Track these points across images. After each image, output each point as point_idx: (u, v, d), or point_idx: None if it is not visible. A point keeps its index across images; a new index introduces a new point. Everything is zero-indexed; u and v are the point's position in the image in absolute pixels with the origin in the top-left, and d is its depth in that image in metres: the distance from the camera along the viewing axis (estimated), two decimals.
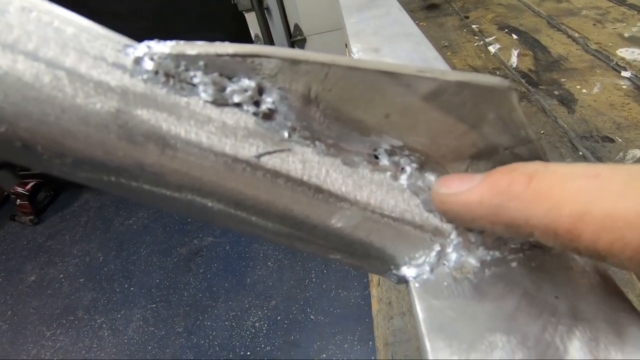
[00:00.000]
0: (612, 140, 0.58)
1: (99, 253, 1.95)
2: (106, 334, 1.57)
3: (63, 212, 2.26)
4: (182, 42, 0.12)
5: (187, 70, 0.13)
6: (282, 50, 0.13)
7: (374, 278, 0.49)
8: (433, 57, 0.31)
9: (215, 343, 1.45)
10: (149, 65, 0.12)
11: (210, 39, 0.13)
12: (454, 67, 0.80)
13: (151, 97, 0.12)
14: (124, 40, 0.12)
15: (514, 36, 0.88)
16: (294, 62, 0.13)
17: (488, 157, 0.15)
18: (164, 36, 0.14)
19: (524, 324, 0.13)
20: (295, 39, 1.93)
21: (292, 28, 1.93)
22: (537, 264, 0.15)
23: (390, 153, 0.15)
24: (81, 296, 1.75)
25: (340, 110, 0.14)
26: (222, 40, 0.13)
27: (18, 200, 2.16)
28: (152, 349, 1.48)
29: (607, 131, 0.60)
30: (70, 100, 0.11)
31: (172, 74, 0.12)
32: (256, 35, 1.90)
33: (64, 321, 1.65)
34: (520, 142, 0.15)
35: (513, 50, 0.83)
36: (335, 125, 0.14)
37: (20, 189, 2.14)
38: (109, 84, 0.11)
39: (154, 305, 1.64)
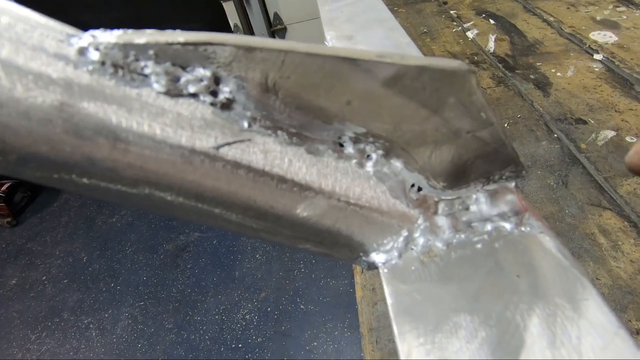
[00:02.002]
0: (585, 122, 0.60)
1: (82, 253, 1.90)
2: (94, 334, 1.55)
3: (42, 212, 2.20)
4: (130, 30, 0.12)
5: (137, 60, 0.12)
6: (236, 37, 0.12)
7: (358, 266, 0.50)
8: (405, 43, 0.31)
9: (206, 337, 1.45)
10: (94, 55, 0.11)
11: (187, 29, 0.12)
12: (432, 54, 0.81)
13: (98, 89, 0.11)
14: (66, 29, 0.12)
15: (491, 21, 0.89)
16: (249, 49, 0.12)
17: (451, 141, 0.15)
18: (136, 27, 0.13)
19: (486, 304, 0.14)
20: (276, 28, 1.90)
21: (271, 17, 1.89)
22: (500, 244, 0.16)
23: (355, 140, 0.15)
24: (66, 297, 1.71)
25: (300, 98, 0.14)
26: (200, 31, 0.12)
27: None
28: (142, 346, 1.47)
29: (580, 113, 0.62)
30: (7, 94, 0.10)
31: (120, 65, 0.12)
32: (235, 25, 1.86)
33: (49, 323, 1.62)
34: (482, 125, 0.15)
35: (490, 35, 0.84)
36: (297, 113, 0.14)
37: None
38: (50, 76, 0.11)
39: (142, 303, 1.62)
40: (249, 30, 1.82)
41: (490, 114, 0.15)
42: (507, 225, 0.16)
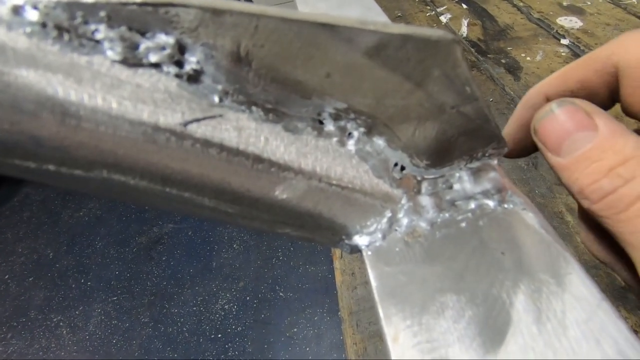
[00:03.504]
0: None
1: (47, 249, 1.81)
2: (64, 332, 1.49)
3: (1, 209, 2.06)
4: None
5: (85, 23, 0.10)
6: None
7: (337, 251, 0.50)
8: None
9: (184, 329, 1.43)
10: (32, 15, 0.10)
11: None
12: None
13: (39, 55, 0.10)
14: None
15: (464, 6, 0.89)
16: (216, 12, 0.11)
17: (435, 117, 0.15)
18: None
19: (472, 282, 0.14)
20: None
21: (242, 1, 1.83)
22: (484, 222, 0.15)
23: (336, 117, 0.14)
24: (32, 296, 1.63)
25: (276, 70, 0.13)
26: None
27: None
28: (117, 342, 1.43)
29: None
30: None
31: (66, 27, 0.10)
32: None
33: (14, 323, 1.54)
34: (466, 100, 0.14)
35: (463, 19, 0.85)
36: (272, 87, 0.13)
37: None
38: None
39: (115, 298, 1.57)
40: None
41: (475, 88, 0.14)
42: (491, 203, 0.16)
